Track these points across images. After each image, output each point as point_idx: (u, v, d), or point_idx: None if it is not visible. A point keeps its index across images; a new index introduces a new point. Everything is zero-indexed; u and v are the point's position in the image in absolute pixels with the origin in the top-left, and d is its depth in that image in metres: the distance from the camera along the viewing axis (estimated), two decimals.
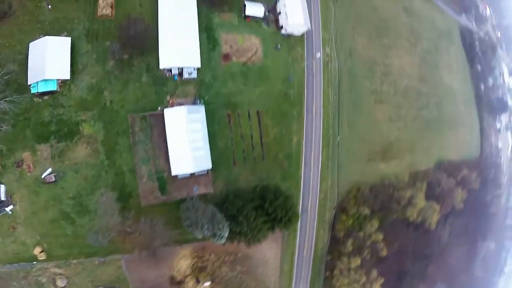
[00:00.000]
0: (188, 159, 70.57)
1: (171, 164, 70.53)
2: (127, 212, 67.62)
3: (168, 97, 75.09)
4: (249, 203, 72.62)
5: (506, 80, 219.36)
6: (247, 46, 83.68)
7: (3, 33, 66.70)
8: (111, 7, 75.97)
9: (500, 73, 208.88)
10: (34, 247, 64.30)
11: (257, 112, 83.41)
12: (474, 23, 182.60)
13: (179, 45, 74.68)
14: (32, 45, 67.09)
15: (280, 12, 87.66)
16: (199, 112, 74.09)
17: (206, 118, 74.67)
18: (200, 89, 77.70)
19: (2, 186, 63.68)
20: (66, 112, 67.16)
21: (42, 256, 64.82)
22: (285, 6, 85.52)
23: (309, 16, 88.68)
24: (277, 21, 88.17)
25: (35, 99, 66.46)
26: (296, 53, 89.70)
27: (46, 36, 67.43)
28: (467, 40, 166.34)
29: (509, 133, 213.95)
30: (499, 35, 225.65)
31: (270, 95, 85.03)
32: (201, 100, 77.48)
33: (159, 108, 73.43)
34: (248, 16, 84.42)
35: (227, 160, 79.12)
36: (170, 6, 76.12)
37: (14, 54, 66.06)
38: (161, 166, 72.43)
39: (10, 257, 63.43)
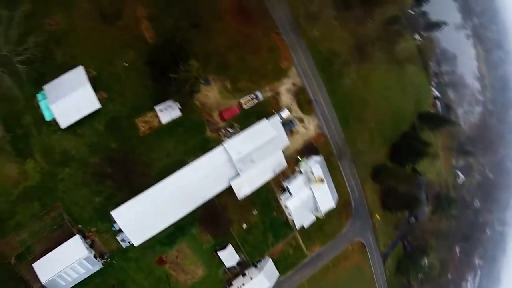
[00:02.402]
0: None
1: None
2: None
3: (92, 230, 71.63)
4: None
5: None
6: (189, 269, 78.67)
7: (87, 31, 67.12)
8: (150, 128, 74.70)
9: None
10: None
11: None
12: None
13: (145, 219, 70.54)
14: (77, 71, 65.24)
15: (244, 274, 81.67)
16: (94, 267, 70.40)
17: (96, 271, 70.91)
18: (117, 254, 73.46)
19: None
20: (38, 137, 65.09)
21: None
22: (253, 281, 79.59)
23: None
24: (236, 275, 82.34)
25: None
26: None
27: (89, 85, 65.31)
28: None
29: None
30: None
31: None
32: (109, 260, 73.52)
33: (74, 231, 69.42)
34: (218, 254, 79.23)
35: None
36: (173, 187, 72.37)
37: (62, 47, 65.77)
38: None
39: None
